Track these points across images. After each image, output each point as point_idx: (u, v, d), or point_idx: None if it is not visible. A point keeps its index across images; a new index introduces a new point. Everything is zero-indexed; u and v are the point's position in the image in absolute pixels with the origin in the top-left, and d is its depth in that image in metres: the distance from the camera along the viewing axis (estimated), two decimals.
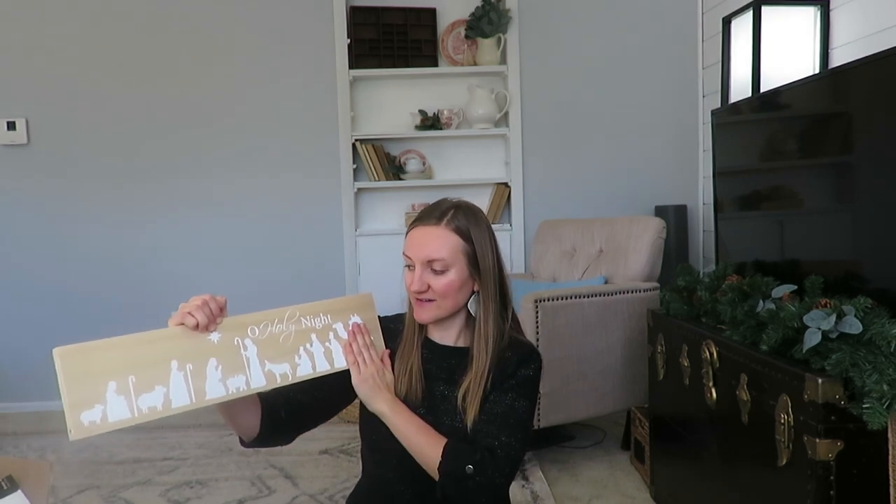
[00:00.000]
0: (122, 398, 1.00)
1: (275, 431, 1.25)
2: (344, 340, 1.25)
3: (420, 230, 1.27)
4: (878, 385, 1.27)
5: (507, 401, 1.23)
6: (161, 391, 1.04)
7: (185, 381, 1.06)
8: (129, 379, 1.02)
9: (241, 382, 1.11)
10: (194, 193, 3.54)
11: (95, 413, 0.98)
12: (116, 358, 1.02)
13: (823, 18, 2.46)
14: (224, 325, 1.12)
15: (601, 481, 2.51)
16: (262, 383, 1.14)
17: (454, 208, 1.28)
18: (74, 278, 3.50)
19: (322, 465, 2.72)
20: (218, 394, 1.09)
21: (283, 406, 1.25)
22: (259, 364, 1.14)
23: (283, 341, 1.18)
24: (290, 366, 1.17)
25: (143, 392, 1.02)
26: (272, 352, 1.16)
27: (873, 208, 1.64)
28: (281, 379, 1.16)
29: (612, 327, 2.63)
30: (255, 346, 1.14)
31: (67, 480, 2.61)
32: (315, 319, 1.23)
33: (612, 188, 3.60)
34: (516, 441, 1.19)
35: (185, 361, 1.07)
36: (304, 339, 1.20)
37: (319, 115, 3.53)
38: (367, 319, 1.29)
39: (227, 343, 1.12)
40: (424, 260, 1.25)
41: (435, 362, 1.31)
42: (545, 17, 3.55)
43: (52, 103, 3.46)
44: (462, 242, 1.26)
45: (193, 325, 1.08)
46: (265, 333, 1.16)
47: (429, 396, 1.28)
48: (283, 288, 3.54)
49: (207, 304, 1.10)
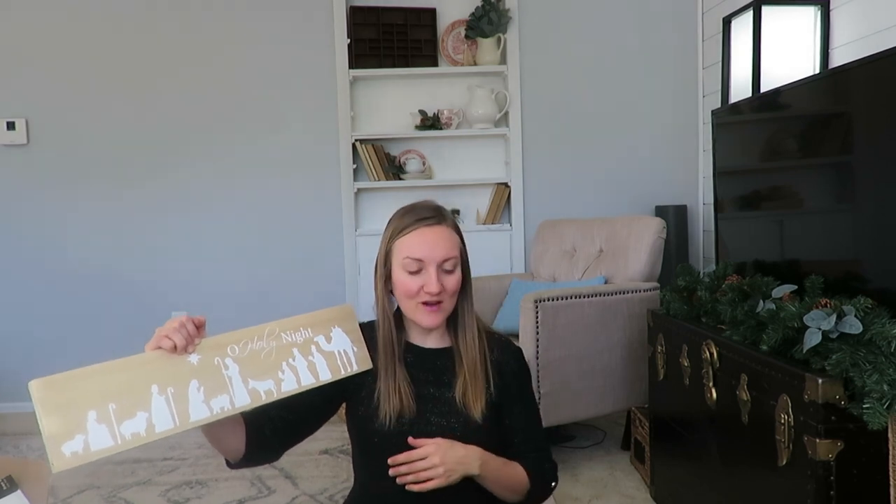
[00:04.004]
0: (103, 426, 0.98)
1: (261, 450, 1.23)
2: (328, 353, 1.22)
3: (427, 231, 1.26)
4: (879, 385, 1.27)
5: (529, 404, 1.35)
6: (143, 417, 1.02)
7: (168, 405, 1.04)
8: (110, 406, 1.00)
9: (225, 402, 1.09)
10: (194, 193, 3.54)
11: (77, 443, 0.96)
12: (94, 386, 1.00)
13: (823, 18, 2.46)
14: (203, 346, 1.10)
15: (601, 481, 2.51)
16: (247, 401, 1.11)
17: (440, 207, 1.32)
18: (74, 278, 3.50)
19: (322, 465, 2.72)
20: (202, 415, 1.07)
21: (267, 425, 1.22)
22: (242, 382, 1.12)
23: (264, 358, 1.15)
24: (275, 382, 1.15)
25: (125, 419, 1.01)
26: (254, 369, 1.14)
27: (873, 208, 1.64)
28: (266, 396, 1.13)
29: (612, 327, 2.63)
30: (237, 364, 1.12)
31: (67, 480, 2.60)
32: (296, 334, 1.20)
33: (612, 188, 3.60)
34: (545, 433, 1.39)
35: (166, 385, 1.05)
36: (286, 355, 1.18)
37: (319, 115, 3.53)
38: (348, 330, 1.26)
39: (207, 364, 1.10)
40: (440, 260, 1.24)
41: (419, 366, 1.30)
42: (545, 17, 3.55)
43: (52, 103, 3.46)
44: (459, 241, 1.29)
45: (171, 347, 1.06)
46: (245, 351, 1.14)
47: (417, 402, 1.27)
48: (283, 288, 3.54)
49: (184, 325, 1.08)
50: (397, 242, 1.28)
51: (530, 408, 1.35)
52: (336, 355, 1.23)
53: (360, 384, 1.29)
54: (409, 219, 1.28)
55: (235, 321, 1.19)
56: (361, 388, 1.29)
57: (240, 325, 1.17)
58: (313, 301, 3.39)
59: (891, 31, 2.16)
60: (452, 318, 1.32)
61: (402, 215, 1.30)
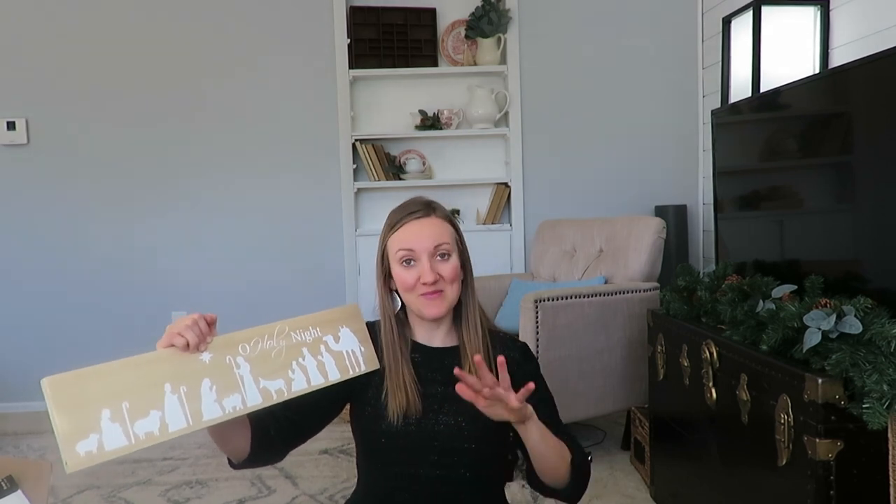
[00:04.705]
0: (117, 425, 0.97)
1: (265, 451, 1.23)
2: (336, 352, 1.22)
3: (415, 223, 1.26)
4: (878, 385, 1.27)
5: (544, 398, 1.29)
6: (157, 415, 1.01)
7: (181, 404, 1.03)
8: (123, 405, 0.99)
9: (237, 401, 1.09)
10: (194, 193, 3.54)
11: (91, 442, 0.95)
12: (107, 384, 0.99)
13: (823, 18, 2.46)
14: (214, 345, 1.10)
15: (601, 481, 2.51)
16: (259, 401, 1.11)
17: (430, 202, 1.31)
18: (74, 278, 3.50)
19: (322, 465, 2.72)
20: (215, 414, 1.06)
21: (273, 425, 1.22)
22: (253, 382, 1.11)
23: (274, 357, 1.15)
24: (285, 381, 1.14)
25: (139, 418, 0.99)
26: (265, 368, 1.13)
27: (873, 208, 1.64)
28: (277, 395, 1.13)
29: (612, 327, 2.63)
30: (248, 363, 1.11)
31: (67, 480, 2.61)
32: (304, 333, 1.20)
33: (612, 188, 3.60)
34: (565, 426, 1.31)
35: (179, 384, 1.04)
36: (295, 354, 1.17)
37: (319, 115, 3.53)
38: (355, 330, 1.26)
39: (219, 362, 1.09)
40: (431, 247, 1.24)
41: (427, 365, 1.30)
42: (545, 17, 3.55)
43: (52, 103, 3.46)
44: (453, 230, 1.29)
45: (183, 345, 1.05)
46: (256, 350, 1.13)
47: (425, 400, 1.26)
48: (283, 288, 3.54)
49: (197, 323, 1.07)
50: (390, 239, 1.28)
51: (546, 400, 1.30)
52: (344, 355, 1.23)
53: (367, 384, 1.28)
54: (399, 214, 1.29)
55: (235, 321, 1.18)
56: (367, 388, 1.29)
57: (240, 326, 1.17)
58: (313, 301, 3.39)
59: (891, 31, 2.16)
60: (457, 314, 1.31)
61: (393, 213, 1.31)
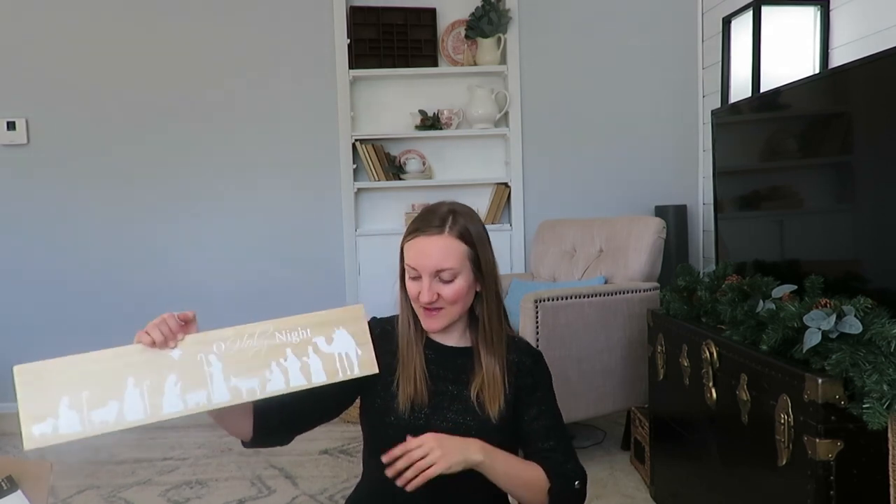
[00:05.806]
0: (73, 412, 1.06)
1: (268, 436, 1.26)
2: (326, 354, 1.20)
3: (424, 240, 1.25)
4: (878, 385, 1.27)
5: (549, 408, 1.31)
6: (115, 406, 1.08)
7: (141, 397, 1.09)
8: (83, 394, 1.08)
9: (201, 398, 1.11)
10: (194, 193, 3.54)
11: (46, 426, 1.06)
12: (72, 375, 1.08)
13: (823, 18, 2.46)
14: (187, 342, 1.14)
15: (601, 481, 2.51)
16: (226, 398, 1.13)
17: (452, 213, 1.27)
18: (74, 278, 3.50)
19: (322, 465, 2.72)
20: (175, 409, 1.10)
21: (277, 413, 1.23)
22: (224, 379, 1.13)
23: (252, 356, 1.16)
24: (260, 381, 1.15)
25: (97, 407, 1.07)
26: (239, 367, 1.14)
27: (873, 208, 1.64)
28: (247, 394, 1.14)
29: (612, 327, 2.63)
30: (221, 361, 1.14)
31: (67, 480, 2.61)
32: (291, 334, 1.19)
33: (612, 188, 3.60)
34: (568, 438, 1.33)
35: (143, 377, 1.10)
36: (277, 354, 1.17)
37: (319, 115, 3.53)
38: (354, 332, 1.23)
39: (189, 359, 1.13)
40: (433, 270, 1.24)
41: (439, 363, 1.31)
42: (545, 17, 3.55)
43: (52, 103, 3.46)
44: (466, 248, 1.26)
45: (149, 342, 1.11)
46: (233, 349, 1.15)
47: (434, 397, 1.27)
48: (284, 288, 3.54)
49: (165, 321, 1.12)
50: (405, 246, 1.29)
51: (551, 411, 1.31)
52: (335, 357, 1.21)
53: (378, 376, 1.27)
54: (416, 224, 1.28)
55: (235, 321, 1.18)
56: (378, 381, 1.28)
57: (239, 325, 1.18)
58: (313, 301, 3.39)
59: (891, 31, 2.16)
60: (474, 322, 1.32)
61: (415, 219, 1.30)
